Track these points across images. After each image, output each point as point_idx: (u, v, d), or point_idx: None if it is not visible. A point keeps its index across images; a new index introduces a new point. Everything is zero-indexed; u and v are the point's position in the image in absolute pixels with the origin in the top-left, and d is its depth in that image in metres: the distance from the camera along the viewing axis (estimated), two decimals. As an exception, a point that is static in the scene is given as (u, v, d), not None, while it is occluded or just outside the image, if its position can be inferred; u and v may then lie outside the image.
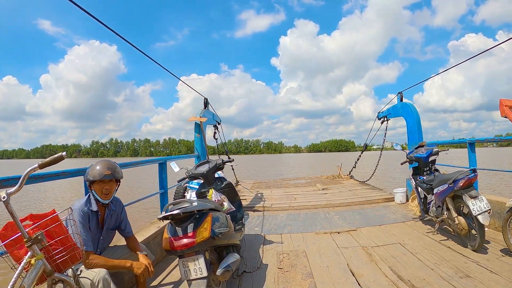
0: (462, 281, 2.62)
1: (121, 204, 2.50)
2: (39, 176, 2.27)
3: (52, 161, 1.60)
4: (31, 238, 1.54)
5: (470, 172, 3.46)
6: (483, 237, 3.19)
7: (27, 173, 1.58)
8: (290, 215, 5.57)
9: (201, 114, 6.76)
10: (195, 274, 2.17)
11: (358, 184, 9.11)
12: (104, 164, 2.22)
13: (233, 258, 2.52)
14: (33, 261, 1.53)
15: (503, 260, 2.98)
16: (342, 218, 5.17)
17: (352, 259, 3.30)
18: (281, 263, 3.31)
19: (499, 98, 3.01)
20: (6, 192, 1.49)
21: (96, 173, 2.17)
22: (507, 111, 2.96)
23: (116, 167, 2.27)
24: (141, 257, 2.37)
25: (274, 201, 6.86)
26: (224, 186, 3.42)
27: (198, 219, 2.32)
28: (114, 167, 2.25)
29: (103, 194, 2.21)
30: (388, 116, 8.20)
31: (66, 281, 1.69)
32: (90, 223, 2.21)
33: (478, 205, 3.18)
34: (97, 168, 2.19)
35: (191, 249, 2.20)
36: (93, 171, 2.18)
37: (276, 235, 4.35)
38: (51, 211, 1.75)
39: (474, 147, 4.64)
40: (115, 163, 2.32)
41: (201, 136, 6.62)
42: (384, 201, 6.37)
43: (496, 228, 3.86)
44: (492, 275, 2.69)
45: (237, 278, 2.97)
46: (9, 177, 1.96)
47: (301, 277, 2.93)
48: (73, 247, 1.75)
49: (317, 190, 8.18)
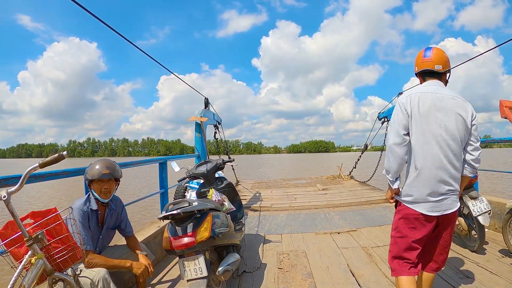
0: (462, 281, 2.62)
1: (121, 203, 2.50)
2: (39, 175, 2.27)
3: (52, 160, 1.60)
4: (31, 237, 1.54)
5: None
6: (483, 238, 3.19)
7: (27, 172, 1.58)
8: (290, 215, 5.57)
9: (201, 114, 6.76)
10: (195, 274, 2.17)
11: (358, 184, 9.12)
12: (103, 163, 2.23)
13: (233, 258, 2.52)
14: (33, 260, 1.53)
15: (503, 261, 2.98)
16: (342, 218, 5.17)
17: (352, 260, 3.30)
18: (281, 263, 3.31)
19: (499, 99, 3.01)
20: (7, 191, 1.49)
21: (95, 172, 2.17)
22: (507, 112, 2.96)
23: (115, 166, 2.28)
24: (141, 257, 2.37)
25: (274, 201, 6.86)
26: (225, 186, 3.42)
27: (198, 219, 2.32)
28: (113, 166, 2.25)
29: (102, 193, 2.21)
30: (389, 117, 8.21)
31: (66, 280, 1.69)
32: (90, 222, 2.21)
33: (478, 206, 3.17)
34: (96, 167, 2.19)
35: (191, 249, 2.20)
36: (92, 170, 2.19)
37: (276, 235, 4.35)
38: (53, 209, 1.74)
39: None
40: (114, 162, 2.32)
41: (202, 136, 6.62)
42: (385, 201, 6.35)
43: (496, 229, 3.85)
44: (492, 276, 2.69)
45: (237, 278, 2.97)
46: (10, 176, 1.97)
47: (301, 277, 2.93)
48: (74, 246, 1.75)
49: (317, 190, 8.19)
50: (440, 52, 2.00)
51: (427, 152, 1.84)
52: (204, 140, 6.66)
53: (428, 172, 1.84)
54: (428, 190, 1.84)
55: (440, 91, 1.89)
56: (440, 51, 2.02)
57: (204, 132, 6.76)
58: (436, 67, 1.97)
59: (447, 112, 1.83)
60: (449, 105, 1.84)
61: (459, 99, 1.88)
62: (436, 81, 1.97)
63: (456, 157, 1.85)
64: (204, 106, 7.34)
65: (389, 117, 8.26)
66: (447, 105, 1.84)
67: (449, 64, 2.02)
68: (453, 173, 1.85)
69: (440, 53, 2.00)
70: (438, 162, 1.83)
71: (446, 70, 2.00)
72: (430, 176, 1.84)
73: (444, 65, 1.99)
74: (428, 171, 1.84)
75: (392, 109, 7.88)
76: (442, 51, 2.02)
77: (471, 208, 3.19)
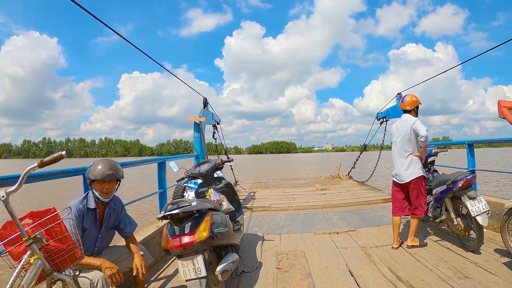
0: (460, 281, 2.62)
1: (121, 203, 2.50)
2: (38, 175, 2.27)
3: (51, 160, 1.60)
4: (30, 237, 1.53)
5: (469, 173, 3.47)
6: (481, 238, 3.20)
7: (26, 172, 1.58)
8: (289, 215, 5.57)
9: (200, 114, 6.76)
10: (194, 274, 2.17)
11: (357, 184, 9.12)
12: (106, 164, 2.23)
13: (232, 258, 2.53)
14: (32, 261, 1.52)
15: (501, 261, 2.99)
16: (341, 219, 5.18)
17: (351, 260, 3.31)
18: (280, 263, 3.31)
19: (498, 100, 3.01)
20: (6, 191, 1.49)
21: (98, 172, 2.17)
22: (506, 112, 2.96)
23: (118, 167, 2.28)
24: (136, 257, 2.32)
25: (273, 201, 6.86)
26: (223, 186, 3.42)
27: (197, 219, 2.32)
28: (116, 167, 2.25)
29: (104, 193, 2.22)
30: (388, 117, 8.25)
31: (65, 280, 1.68)
32: (85, 221, 2.19)
33: (477, 206, 3.18)
34: (99, 167, 2.19)
35: (190, 249, 2.20)
36: (95, 170, 2.18)
37: (275, 235, 4.35)
38: (51, 209, 1.74)
39: (473, 148, 4.65)
40: (116, 162, 2.32)
41: (200, 136, 6.61)
42: (383, 201, 6.38)
43: (494, 229, 3.86)
44: (491, 276, 2.70)
45: (236, 278, 2.97)
46: (8, 176, 1.96)
47: (300, 277, 2.93)
48: (73, 246, 1.75)
49: (316, 191, 8.19)
50: (409, 98, 3.66)
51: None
52: (203, 140, 6.65)
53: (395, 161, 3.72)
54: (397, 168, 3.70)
55: (404, 118, 3.65)
56: (409, 97, 3.67)
57: (203, 132, 6.75)
58: (407, 108, 3.67)
59: (403, 127, 3.60)
60: (404, 125, 3.59)
61: (408, 121, 3.54)
62: (406, 114, 3.68)
63: (404, 148, 3.59)
64: (203, 106, 7.33)
65: (387, 117, 8.29)
66: (404, 124, 3.60)
67: (415, 103, 3.64)
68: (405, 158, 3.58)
69: (409, 99, 3.65)
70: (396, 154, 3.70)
71: (414, 107, 3.65)
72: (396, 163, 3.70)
73: (411, 105, 3.63)
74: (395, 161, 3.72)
75: (390, 109, 7.96)
76: (410, 97, 3.66)
77: (470, 208, 3.20)
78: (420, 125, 3.43)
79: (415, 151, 3.54)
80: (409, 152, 3.54)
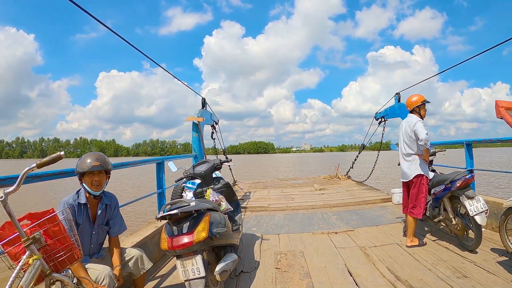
0: (459, 281, 2.63)
1: (116, 200, 2.47)
2: (36, 175, 2.26)
3: (50, 160, 1.59)
4: (29, 238, 1.53)
5: (467, 173, 3.48)
6: (480, 238, 3.21)
7: (25, 172, 1.57)
8: (287, 215, 5.58)
9: (199, 114, 6.75)
10: (193, 274, 2.17)
11: (355, 184, 9.14)
12: (93, 156, 2.22)
13: (230, 258, 2.52)
14: (31, 261, 1.51)
15: (500, 261, 3.00)
16: (339, 219, 5.18)
17: (350, 259, 3.31)
18: (279, 263, 3.32)
19: (495, 100, 3.01)
20: (4, 191, 1.48)
21: (85, 165, 2.16)
22: (503, 112, 2.97)
23: (105, 158, 2.27)
24: (116, 270, 2.19)
25: (271, 201, 6.86)
26: (222, 186, 3.42)
27: (196, 219, 2.31)
28: (103, 158, 2.25)
29: (94, 185, 2.20)
30: (386, 117, 8.27)
31: (64, 281, 1.68)
32: (78, 216, 2.18)
33: (475, 206, 3.19)
34: (87, 160, 2.19)
35: (189, 249, 2.20)
36: (83, 163, 2.18)
37: (273, 235, 4.35)
38: (50, 210, 1.73)
39: (471, 148, 4.67)
40: (103, 154, 2.32)
41: (199, 136, 6.61)
42: (382, 201, 6.39)
43: (493, 229, 3.88)
44: (490, 275, 2.71)
45: (234, 278, 2.97)
46: (7, 177, 1.96)
47: (298, 277, 2.93)
48: (71, 246, 1.74)
49: (314, 191, 8.20)
50: (408, 98, 3.80)
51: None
52: (201, 140, 6.64)
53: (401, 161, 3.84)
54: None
55: (407, 119, 3.73)
56: (409, 97, 3.78)
57: (202, 132, 6.75)
58: (408, 109, 3.79)
59: (406, 128, 3.68)
60: (407, 125, 3.66)
61: (411, 122, 3.60)
62: (410, 114, 3.75)
63: (407, 148, 3.70)
64: (201, 106, 7.33)
65: (386, 117, 8.31)
66: (407, 125, 3.66)
67: (415, 103, 3.69)
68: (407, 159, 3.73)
69: (408, 99, 3.80)
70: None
71: (415, 107, 3.70)
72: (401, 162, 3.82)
73: (410, 106, 3.74)
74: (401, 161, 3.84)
75: (388, 109, 7.98)
76: (409, 98, 3.78)
77: (468, 208, 3.21)
78: (419, 128, 3.44)
79: (418, 151, 3.59)
80: (412, 152, 3.62)
